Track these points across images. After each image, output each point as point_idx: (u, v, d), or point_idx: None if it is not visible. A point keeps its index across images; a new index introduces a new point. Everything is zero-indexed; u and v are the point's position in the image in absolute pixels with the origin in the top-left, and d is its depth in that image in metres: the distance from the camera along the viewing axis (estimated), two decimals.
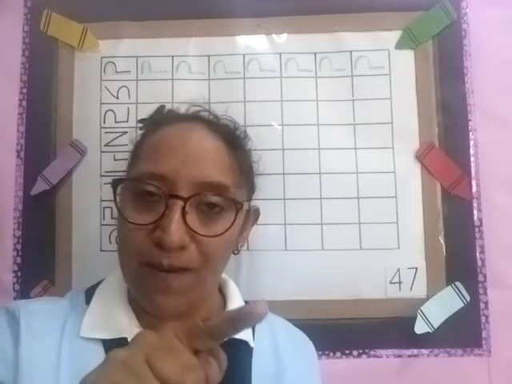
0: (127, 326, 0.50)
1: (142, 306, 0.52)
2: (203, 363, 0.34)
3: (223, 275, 0.62)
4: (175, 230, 0.45)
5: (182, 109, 0.62)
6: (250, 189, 0.59)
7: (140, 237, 0.48)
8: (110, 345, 0.49)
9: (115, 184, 0.51)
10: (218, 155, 0.51)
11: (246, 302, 0.61)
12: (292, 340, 0.61)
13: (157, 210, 0.47)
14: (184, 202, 0.47)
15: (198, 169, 0.49)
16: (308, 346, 0.65)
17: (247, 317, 0.33)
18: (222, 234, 0.49)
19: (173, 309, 0.49)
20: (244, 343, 0.54)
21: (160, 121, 0.57)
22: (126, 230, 0.49)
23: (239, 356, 0.53)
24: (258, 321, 0.33)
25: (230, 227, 0.49)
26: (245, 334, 0.54)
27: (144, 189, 0.48)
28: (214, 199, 0.49)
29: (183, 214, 0.46)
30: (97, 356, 0.48)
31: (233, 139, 0.56)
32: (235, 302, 0.59)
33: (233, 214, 0.50)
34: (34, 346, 0.48)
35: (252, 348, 0.55)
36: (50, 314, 0.52)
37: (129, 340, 0.48)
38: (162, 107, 0.63)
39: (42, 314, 0.51)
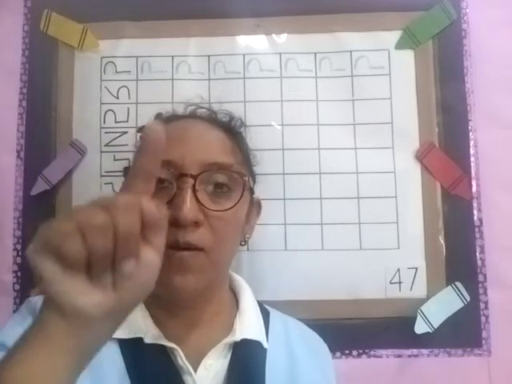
0: (142, 326, 0.51)
1: (155, 304, 0.52)
2: None
3: (231, 272, 0.62)
4: (189, 206, 0.47)
5: (180, 109, 0.64)
6: (252, 177, 0.60)
7: None
8: (126, 344, 0.50)
9: (126, 172, 0.53)
10: (219, 140, 0.55)
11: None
12: (306, 341, 0.61)
13: (168, 194, 0.49)
14: (194, 179, 0.49)
15: (202, 153, 0.51)
16: (322, 347, 0.65)
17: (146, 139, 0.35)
18: (231, 207, 0.50)
19: (191, 288, 0.49)
20: (257, 344, 0.54)
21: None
22: None
23: (253, 357, 0.53)
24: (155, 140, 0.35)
25: (239, 201, 0.51)
26: (258, 335, 0.55)
27: None
28: (221, 177, 0.51)
29: (194, 191, 0.48)
30: (113, 355, 0.49)
31: (231, 128, 0.59)
32: (246, 297, 0.59)
33: (239, 193, 0.51)
34: None
35: (266, 349, 0.55)
36: None
37: (144, 340, 0.50)
38: (160, 114, 0.64)
39: None
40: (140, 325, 0.51)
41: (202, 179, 0.49)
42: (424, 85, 0.79)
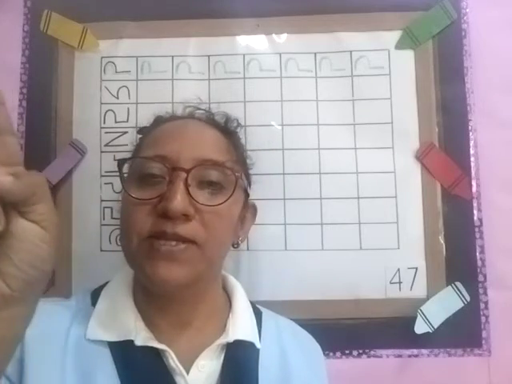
0: (133, 328, 0.50)
1: (145, 302, 0.52)
2: None
3: (225, 273, 0.62)
4: (179, 198, 0.47)
5: (178, 110, 0.64)
6: (247, 178, 0.60)
7: (144, 212, 0.49)
8: (117, 347, 0.49)
9: (120, 163, 0.53)
10: (214, 138, 0.55)
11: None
12: (298, 341, 0.61)
13: (160, 187, 0.49)
14: (186, 173, 0.49)
15: (197, 149, 0.52)
16: (314, 347, 0.65)
17: None
18: (223, 202, 0.50)
19: (177, 278, 0.48)
20: (250, 344, 0.54)
21: (158, 123, 0.60)
22: (130, 206, 0.50)
23: (246, 357, 0.53)
24: None
25: (231, 196, 0.51)
26: (251, 336, 0.55)
27: (148, 172, 0.50)
28: (214, 174, 0.51)
29: (186, 185, 0.48)
30: (103, 358, 0.49)
31: (226, 128, 0.60)
32: (239, 298, 0.59)
33: (231, 189, 0.51)
34: (38, 347, 0.48)
35: (258, 349, 0.55)
36: (55, 316, 0.52)
37: (135, 342, 0.49)
38: (159, 117, 0.64)
39: (46, 316, 0.51)
40: (131, 327, 0.50)
41: (194, 175, 0.49)
42: (424, 85, 0.79)
